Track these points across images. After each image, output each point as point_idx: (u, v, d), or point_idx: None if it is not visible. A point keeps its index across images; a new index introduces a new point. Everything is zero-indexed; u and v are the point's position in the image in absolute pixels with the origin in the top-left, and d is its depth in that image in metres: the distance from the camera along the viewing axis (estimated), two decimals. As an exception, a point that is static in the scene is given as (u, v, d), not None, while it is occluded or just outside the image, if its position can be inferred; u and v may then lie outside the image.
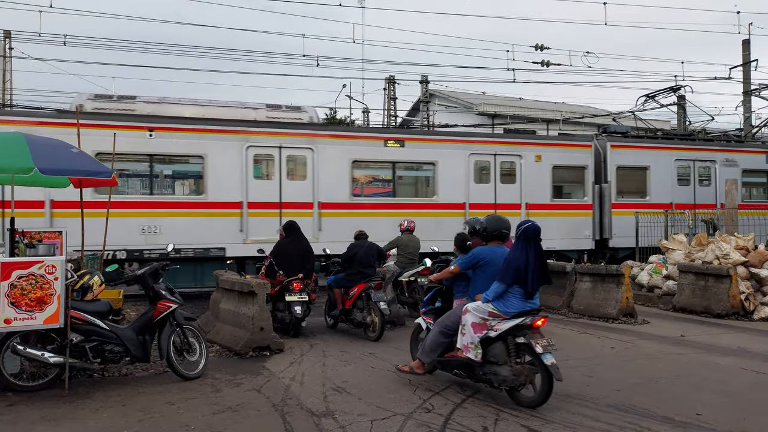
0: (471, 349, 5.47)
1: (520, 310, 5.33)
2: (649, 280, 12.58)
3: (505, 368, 5.34)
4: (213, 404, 5.37)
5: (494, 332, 5.40)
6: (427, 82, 30.81)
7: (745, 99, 20.67)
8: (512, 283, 5.33)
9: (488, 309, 5.41)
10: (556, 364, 5.21)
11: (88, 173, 6.41)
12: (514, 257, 5.37)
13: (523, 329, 5.33)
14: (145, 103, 12.49)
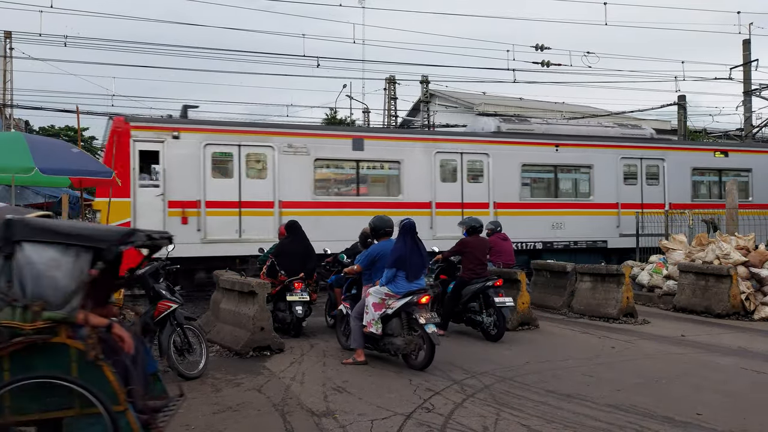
0: (373, 324, 6.65)
1: (408, 290, 6.57)
2: (650, 280, 12.58)
3: (399, 339, 6.57)
4: (213, 404, 5.37)
5: (390, 310, 6.62)
6: (427, 82, 30.81)
7: (745, 99, 20.66)
8: (397, 268, 6.59)
9: (384, 291, 6.65)
10: (437, 333, 6.52)
11: (88, 173, 6.43)
12: (396, 248, 6.70)
13: (412, 306, 6.53)
14: (539, 125, 15.35)
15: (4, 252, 3.30)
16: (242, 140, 12.11)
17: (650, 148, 15.31)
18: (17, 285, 3.30)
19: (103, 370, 3.27)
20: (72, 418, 3.26)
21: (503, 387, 5.90)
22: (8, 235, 3.30)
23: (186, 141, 11.69)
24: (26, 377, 3.19)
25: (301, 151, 12.46)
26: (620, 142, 15.10)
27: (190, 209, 11.52)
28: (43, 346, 3.24)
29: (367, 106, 38.51)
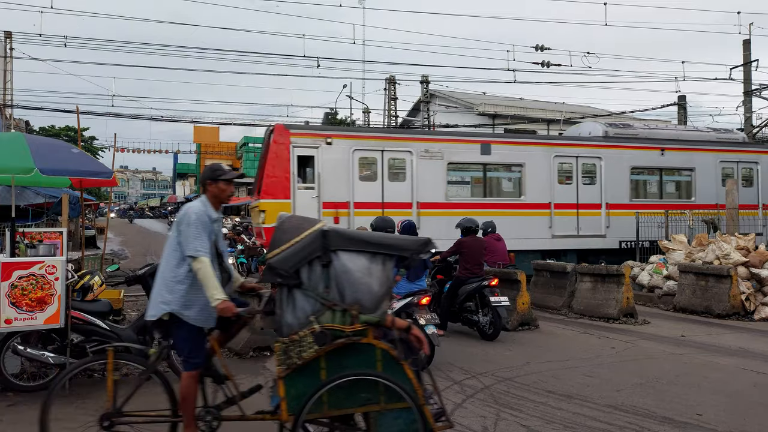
0: None
1: (409, 291, 6.65)
2: (650, 281, 12.58)
3: None
4: (213, 404, 5.36)
5: (391, 310, 6.46)
6: (427, 82, 30.80)
7: (745, 99, 20.65)
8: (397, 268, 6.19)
9: None
10: (436, 333, 6.62)
11: (89, 173, 6.42)
12: None
13: (412, 306, 6.56)
14: (642, 129, 16.16)
15: (322, 261, 3.57)
16: (385, 146, 13.06)
17: (745, 152, 16.28)
18: (335, 291, 3.57)
19: (404, 369, 3.52)
20: (377, 413, 3.51)
21: (503, 387, 5.90)
22: (325, 244, 3.58)
23: (337, 147, 12.61)
24: (348, 375, 3.47)
25: (437, 156, 13.34)
26: (718, 146, 16.01)
27: (341, 210, 12.43)
28: (353, 346, 3.50)
29: (367, 106, 38.53)
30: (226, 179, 4.01)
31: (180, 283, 3.80)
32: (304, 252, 3.57)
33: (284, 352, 3.54)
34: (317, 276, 3.57)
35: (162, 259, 3.96)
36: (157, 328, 3.97)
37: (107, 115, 35.90)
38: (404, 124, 38.71)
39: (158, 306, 3.85)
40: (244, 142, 69.59)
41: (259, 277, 8.41)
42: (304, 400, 3.42)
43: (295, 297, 3.56)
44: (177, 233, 3.85)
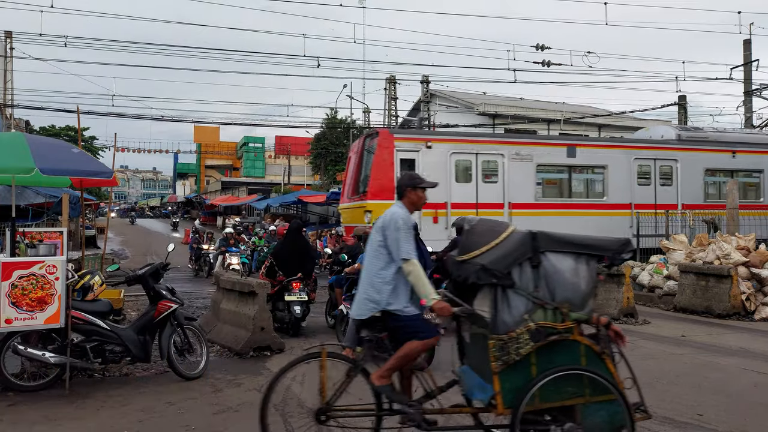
0: None
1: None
2: (650, 281, 12.57)
3: None
4: (213, 404, 5.37)
5: None
6: (428, 82, 30.80)
7: (746, 99, 20.65)
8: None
9: None
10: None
11: (89, 173, 6.42)
12: None
13: None
14: (712, 132, 16.48)
15: (533, 262, 3.77)
16: (479, 149, 13.68)
17: None
18: (545, 290, 3.78)
19: (606, 363, 3.76)
20: (583, 405, 3.71)
21: (504, 387, 5.89)
22: (536, 246, 3.79)
23: (436, 150, 13.26)
24: (564, 369, 3.68)
25: (526, 158, 13.88)
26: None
27: (440, 210, 13.03)
28: (561, 342, 3.71)
29: (367, 106, 38.51)
30: (423, 187, 4.26)
31: (387, 284, 4.03)
32: (516, 253, 3.78)
33: (500, 348, 3.70)
34: (527, 276, 3.78)
35: (367, 262, 4.18)
36: (365, 327, 4.20)
37: (108, 114, 35.94)
38: (404, 124, 38.71)
39: (367, 306, 4.09)
40: (244, 142, 69.65)
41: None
42: (522, 393, 3.65)
43: (509, 297, 3.75)
44: (382, 237, 4.07)
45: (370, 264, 4.14)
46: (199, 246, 17.61)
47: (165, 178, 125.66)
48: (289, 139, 58.74)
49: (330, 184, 40.27)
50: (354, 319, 4.23)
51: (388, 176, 12.58)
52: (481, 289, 3.85)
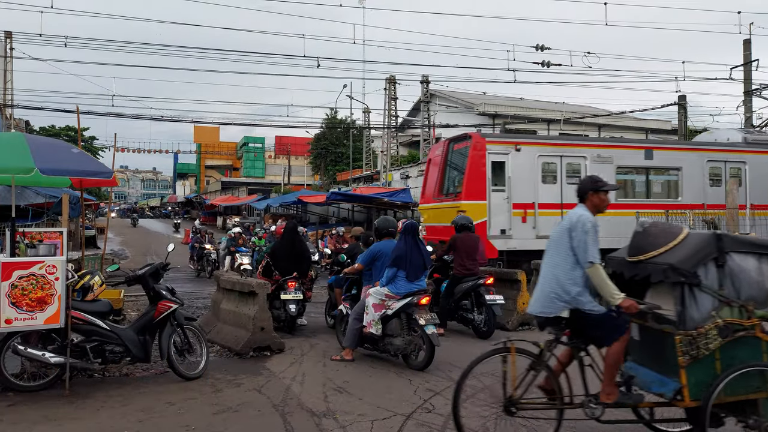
0: (373, 325, 6.73)
1: (409, 291, 6.62)
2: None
3: (399, 339, 6.66)
4: (213, 404, 5.37)
5: (391, 310, 6.69)
6: (427, 82, 30.81)
7: (746, 99, 20.64)
8: (397, 267, 6.67)
9: (384, 291, 6.70)
10: (436, 333, 6.51)
11: (89, 173, 6.41)
12: (397, 247, 6.80)
13: (412, 306, 6.60)
14: None
15: (718, 261, 3.99)
16: (563, 152, 14.24)
17: None
18: (730, 288, 3.99)
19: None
20: (765, 400, 3.95)
21: (504, 387, 5.88)
22: (720, 246, 3.99)
23: (525, 153, 13.71)
24: (755, 365, 3.92)
25: (607, 161, 14.47)
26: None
27: (528, 210, 13.61)
28: (744, 339, 3.95)
29: (367, 106, 38.50)
30: (606, 190, 4.40)
31: (576, 285, 4.17)
32: (702, 253, 3.98)
33: (689, 343, 3.90)
34: (712, 275, 3.99)
35: (551, 261, 4.32)
36: (550, 324, 4.31)
37: (107, 115, 35.94)
38: (404, 124, 38.69)
39: (556, 304, 4.21)
40: (244, 142, 69.68)
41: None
42: (711, 387, 3.86)
43: (696, 294, 3.94)
44: (569, 239, 4.21)
45: (556, 262, 4.26)
46: (201, 246, 17.51)
47: (165, 178, 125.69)
48: (289, 139, 58.78)
49: (330, 184, 40.28)
50: (537, 315, 4.34)
51: (481, 178, 13.21)
52: (654, 287, 4.13)
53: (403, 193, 22.90)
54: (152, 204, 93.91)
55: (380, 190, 24.54)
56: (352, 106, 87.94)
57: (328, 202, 27.53)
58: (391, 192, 23.40)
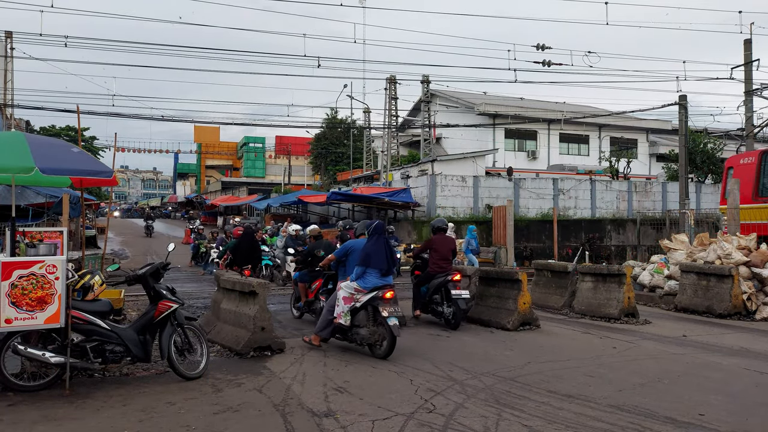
0: (342, 316, 7.29)
1: (375, 286, 7.19)
2: (651, 280, 12.55)
3: (364, 330, 7.22)
4: (214, 404, 5.36)
5: (359, 303, 7.26)
6: (428, 82, 30.79)
7: (746, 99, 20.60)
8: (366, 265, 7.25)
9: (354, 286, 7.27)
10: (398, 325, 7.02)
11: (89, 173, 6.40)
12: (366, 246, 7.39)
13: (377, 300, 7.10)
14: None
15: None
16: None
17: None
18: None
19: None
20: None
21: (504, 387, 5.89)
22: None
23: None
24: None
25: None
26: None
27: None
28: None
29: (367, 106, 38.49)
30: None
31: None
32: None
33: None
34: None
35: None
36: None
37: (108, 114, 35.89)
38: (404, 124, 38.65)
39: None
40: (244, 142, 69.69)
41: None
42: None
43: None
44: None
45: None
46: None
47: (165, 178, 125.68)
48: (289, 139, 58.80)
49: (330, 184, 40.26)
50: None
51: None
52: None
53: (403, 193, 22.90)
54: (153, 204, 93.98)
55: (381, 190, 24.54)
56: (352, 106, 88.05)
57: (329, 202, 27.52)
58: (391, 192, 23.40)
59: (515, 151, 34.06)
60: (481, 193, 23.62)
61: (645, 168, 36.21)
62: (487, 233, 21.97)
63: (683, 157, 21.29)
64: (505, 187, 24.05)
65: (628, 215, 25.56)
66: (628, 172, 30.17)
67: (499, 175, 25.68)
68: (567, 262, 13.34)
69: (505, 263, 19.22)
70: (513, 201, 22.67)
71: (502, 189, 23.92)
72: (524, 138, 34.58)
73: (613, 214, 25.56)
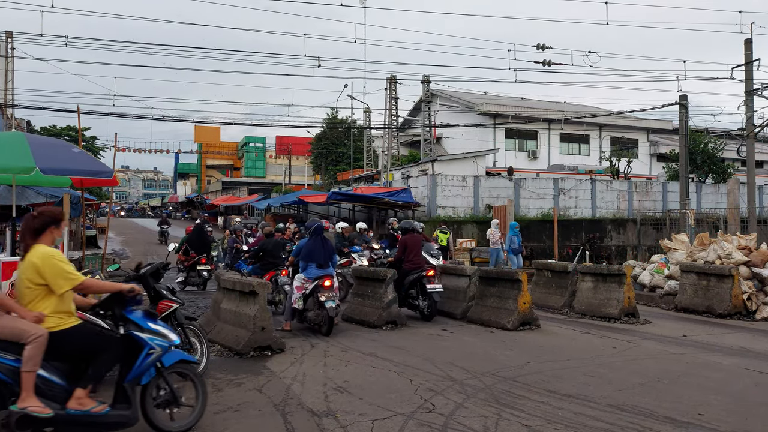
0: (297, 301, 8.71)
1: (317, 276, 8.54)
2: (651, 280, 12.55)
3: (311, 313, 8.64)
4: (214, 404, 5.35)
5: (307, 291, 8.64)
6: (428, 81, 30.78)
7: (747, 99, 20.59)
8: (308, 260, 8.67)
9: (303, 277, 8.71)
10: (334, 308, 8.32)
11: (89, 173, 6.41)
12: (307, 244, 8.82)
13: (319, 287, 8.41)
14: None
15: None
16: None
17: None
18: None
19: None
20: None
21: (504, 387, 5.89)
22: None
23: None
24: None
25: None
26: None
27: None
28: None
29: (368, 106, 38.48)
30: None
31: None
32: None
33: None
34: None
35: None
36: None
37: (108, 114, 35.94)
38: (405, 124, 38.65)
39: None
40: (245, 142, 69.71)
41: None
42: None
43: None
44: None
45: None
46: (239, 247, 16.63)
47: (166, 178, 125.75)
48: (289, 139, 58.79)
49: (331, 183, 40.27)
50: None
51: None
52: None
53: (404, 193, 22.89)
54: (153, 204, 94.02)
55: (381, 190, 24.54)
56: (353, 106, 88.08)
57: (329, 202, 27.53)
58: (392, 192, 23.40)
59: (515, 150, 34.07)
60: (482, 193, 23.61)
61: (645, 168, 36.20)
62: (488, 233, 21.98)
63: (684, 156, 21.28)
64: (505, 187, 24.04)
65: (628, 215, 25.55)
66: (629, 172, 30.16)
67: (500, 175, 25.68)
68: (567, 262, 13.35)
69: (505, 263, 19.21)
70: (513, 201, 22.67)
71: (502, 189, 23.91)
72: (525, 138, 34.59)
73: (614, 214, 25.55)
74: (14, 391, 3.78)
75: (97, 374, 4.11)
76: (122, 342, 4.29)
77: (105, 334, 4.28)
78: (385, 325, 9.11)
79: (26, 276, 4.07)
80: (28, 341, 3.82)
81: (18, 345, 3.86)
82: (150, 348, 4.32)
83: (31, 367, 3.79)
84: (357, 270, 10.64)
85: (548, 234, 22.45)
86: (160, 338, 4.44)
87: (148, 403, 4.37)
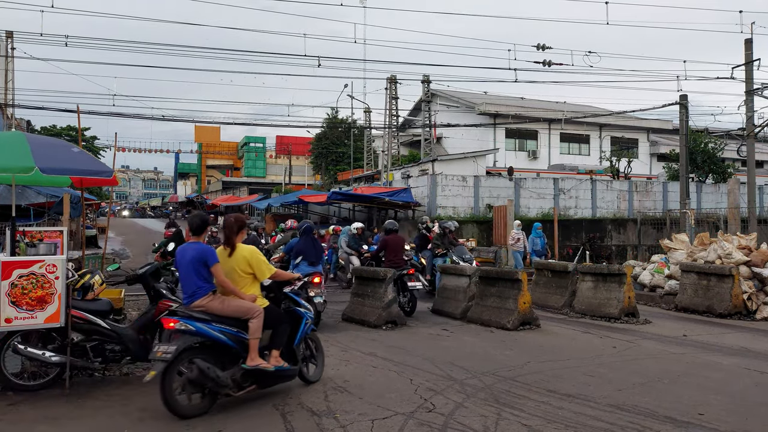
0: None
1: (307, 273, 8.80)
2: (651, 280, 12.55)
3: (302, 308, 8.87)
4: (214, 404, 5.35)
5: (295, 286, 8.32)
6: (428, 81, 30.77)
7: (747, 98, 20.58)
8: (299, 258, 9.09)
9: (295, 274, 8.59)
10: (321, 302, 8.80)
11: (89, 173, 6.40)
12: (298, 243, 9.29)
13: (309, 284, 8.67)
14: None
15: None
16: None
17: None
18: None
19: None
20: None
21: (504, 387, 5.89)
22: None
23: None
24: None
25: None
26: None
27: None
28: None
29: (368, 106, 38.47)
30: None
31: None
32: None
33: None
34: None
35: None
36: None
37: (108, 114, 35.93)
38: (405, 123, 38.65)
39: None
40: (245, 142, 69.74)
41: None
42: None
43: None
44: None
45: None
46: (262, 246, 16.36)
47: (166, 178, 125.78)
48: (289, 138, 58.81)
49: (331, 183, 40.26)
50: None
51: None
52: None
53: (404, 193, 22.89)
54: (153, 204, 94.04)
55: (381, 190, 24.53)
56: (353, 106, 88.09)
57: (329, 202, 27.51)
58: (392, 192, 23.39)
59: (516, 150, 34.06)
60: (482, 192, 23.61)
61: (646, 168, 36.20)
62: (488, 233, 21.97)
63: (684, 156, 21.27)
64: (505, 186, 24.04)
65: (628, 215, 25.55)
66: (629, 172, 30.16)
67: (500, 174, 25.67)
68: (567, 261, 13.34)
69: (505, 263, 19.21)
70: (513, 201, 22.65)
71: (502, 189, 23.91)
72: (525, 138, 34.58)
73: (614, 214, 25.54)
74: (239, 354, 5.10)
75: (281, 340, 5.36)
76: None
77: (280, 311, 5.53)
78: (385, 325, 9.12)
79: (239, 266, 5.26)
80: (253, 316, 5.07)
81: (233, 319, 5.10)
82: (306, 318, 5.77)
83: (257, 335, 5.11)
84: (357, 270, 10.69)
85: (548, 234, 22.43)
86: (307, 311, 5.88)
87: (299, 360, 5.68)
